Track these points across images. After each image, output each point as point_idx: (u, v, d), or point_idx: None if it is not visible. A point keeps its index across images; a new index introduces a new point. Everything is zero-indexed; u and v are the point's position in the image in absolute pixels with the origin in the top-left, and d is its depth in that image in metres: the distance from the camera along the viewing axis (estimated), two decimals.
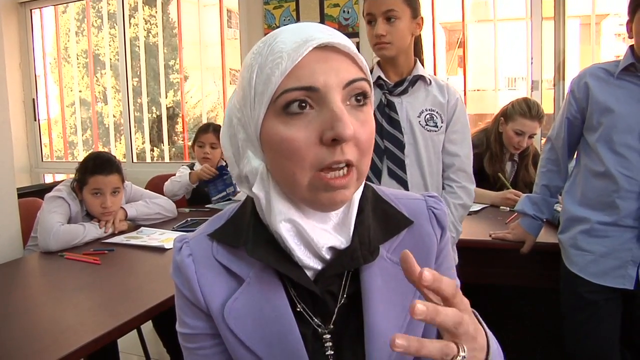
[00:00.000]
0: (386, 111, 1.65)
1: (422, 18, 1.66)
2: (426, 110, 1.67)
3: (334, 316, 0.72)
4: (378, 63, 1.73)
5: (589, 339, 1.57)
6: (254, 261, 0.71)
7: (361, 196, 0.73)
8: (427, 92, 1.69)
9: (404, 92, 1.67)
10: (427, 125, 1.66)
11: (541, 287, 1.93)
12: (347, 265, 0.69)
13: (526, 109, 2.43)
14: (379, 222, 0.74)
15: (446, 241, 0.80)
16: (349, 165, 0.63)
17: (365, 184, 0.74)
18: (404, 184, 1.63)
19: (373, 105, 0.70)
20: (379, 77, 1.67)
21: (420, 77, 1.68)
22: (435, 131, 1.66)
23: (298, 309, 0.71)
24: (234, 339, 0.70)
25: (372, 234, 0.72)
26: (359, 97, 0.65)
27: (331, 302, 0.72)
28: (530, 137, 2.44)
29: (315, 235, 0.67)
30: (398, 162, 1.63)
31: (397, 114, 1.65)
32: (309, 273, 0.70)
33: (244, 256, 0.71)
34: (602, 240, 1.52)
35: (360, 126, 0.64)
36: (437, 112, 1.67)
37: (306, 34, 0.63)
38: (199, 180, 2.92)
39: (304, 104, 0.62)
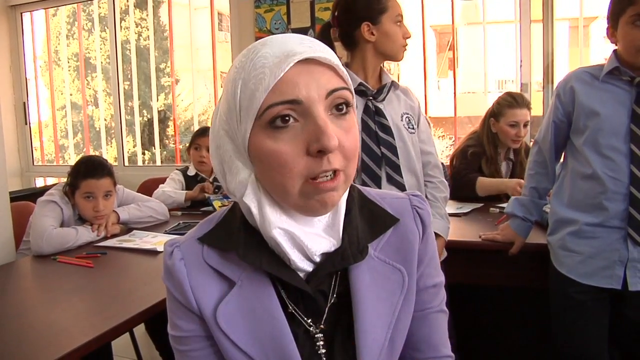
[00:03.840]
0: (376, 118, 1.66)
1: None
2: (405, 114, 1.72)
3: (325, 315, 0.74)
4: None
5: (578, 339, 1.59)
6: (245, 264, 0.72)
7: (348, 197, 0.75)
8: (398, 97, 1.75)
9: (384, 98, 1.70)
10: (408, 127, 1.71)
11: (530, 288, 1.95)
12: (337, 265, 0.71)
13: (512, 100, 2.52)
14: (367, 221, 0.76)
15: (429, 241, 0.82)
16: (335, 171, 0.65)
17: (351, 185, 0.76)
18: (402, 188, 1.64)
19: (356, 110, 0.72)
20: (361, 84, 1.67)
21: (393, 83, 1.73)
22: (414, 133, 1.72)
23: (289, 310, 0.73)
24: (227, 340, 0.71)
25: (361, 233, 0.74)
26: (340, 106, 0.67)
27: (322, 301, 0.74)
28: (525, 125, 2.50)
29: (308, 241, 0.69)
30: (394, 167, 1.65)
31: (387, 120, 1.67)
32: (300, 274, 0.71)
33: (234, 259, 0.72)
34: (590, 241, 1.54)
35: (344, 134, 0.66)
36: (411, 115, 1.74)
37: (288, 48, 0.65)
38: (191, 201, 2.85)
39: (287, 118, 0.64)
